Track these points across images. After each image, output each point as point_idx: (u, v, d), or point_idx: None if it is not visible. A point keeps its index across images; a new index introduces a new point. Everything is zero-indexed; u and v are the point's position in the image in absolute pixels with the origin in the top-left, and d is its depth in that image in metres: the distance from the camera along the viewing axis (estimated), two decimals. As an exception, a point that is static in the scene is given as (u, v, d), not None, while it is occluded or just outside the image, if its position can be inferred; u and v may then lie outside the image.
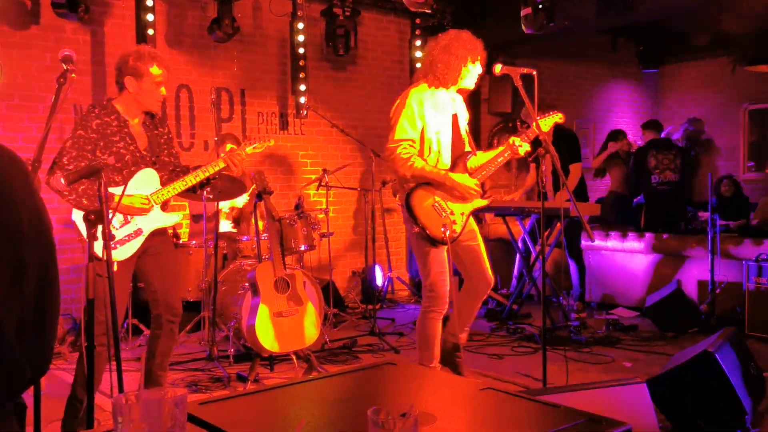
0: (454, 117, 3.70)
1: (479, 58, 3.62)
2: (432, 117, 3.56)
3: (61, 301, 1.48)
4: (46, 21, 5.37)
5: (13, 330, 1.32)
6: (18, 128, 5.27)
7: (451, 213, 3.59)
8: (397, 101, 3.63)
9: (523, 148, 3.63)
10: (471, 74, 3.62)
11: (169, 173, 3.42)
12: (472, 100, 8.16)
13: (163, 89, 3.28)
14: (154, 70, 3.22)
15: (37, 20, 5.36)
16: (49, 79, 5.34)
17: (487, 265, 3.82)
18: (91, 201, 3.08)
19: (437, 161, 3.58)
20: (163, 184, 3.33)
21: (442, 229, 3.50)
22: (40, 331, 1.40)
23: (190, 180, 3.34)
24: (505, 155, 3.67)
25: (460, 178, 3.56)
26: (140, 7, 5.59)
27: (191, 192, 3.47)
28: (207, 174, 3.38)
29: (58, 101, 2.51)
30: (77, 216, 3.12)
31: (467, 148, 3.74)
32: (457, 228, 3.59)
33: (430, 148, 3.57)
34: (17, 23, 5.30)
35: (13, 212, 1.34)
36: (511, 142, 3.64)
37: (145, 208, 3.21)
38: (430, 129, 3.55)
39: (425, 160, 3.56)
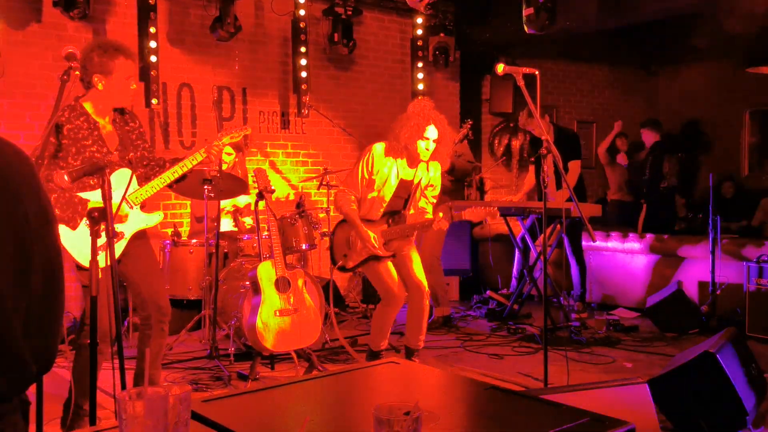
0: (402, 182, 4.19)
1: (424, 136, 4.04)
2: (381, 174, 4.12)
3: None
4: (48, 19, 5.37)
5: (20, 325, 1.32)
6: (20, 126, 5.27)
7: (354, 251, 4.23)
8: (365, 151, 4.20)
9: (440, 225, 4.07)
10: (418, 148, 4.06)
11: (144, 168, 3.31)
12: (473, 100, 8.18)
13: (133, 84, 3.12)
14: (122, 63, 3.04)
15: (39, 18, 5.36)
16: (51, 77, 5.34)
17: (419, 272, 4.26)
18: (62, 210, 2.98)
19: (369, 209, 4.18)
20: (140, 181, 3.21)
21: (343, 257, 4.26)
22: (46, 327, 1.40)
23: (168, 177, 3.21)
24: (425, 225, 4.18)
25: (367, 235, 4.12)
26: (142, 5, 5.59)
27: (169, 187, 3.34)
28: (185, 169, 3.25)
29: (62, 99, 2.50)
30: None
31: (406, 209, 4.28)
32: (350, 263, 4.25)
33: (368, 196, 4.16)
34: (19, 21, 5.30)
35: (19, 207, 1.34)
36: (437, 215, 4.10)
37: (120, 214, 3.09)
38: (376, 184, 4.13)
39: (363, 200, 4.19)
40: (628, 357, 4.69)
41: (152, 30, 5.60)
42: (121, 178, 3.11)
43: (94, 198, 3.01)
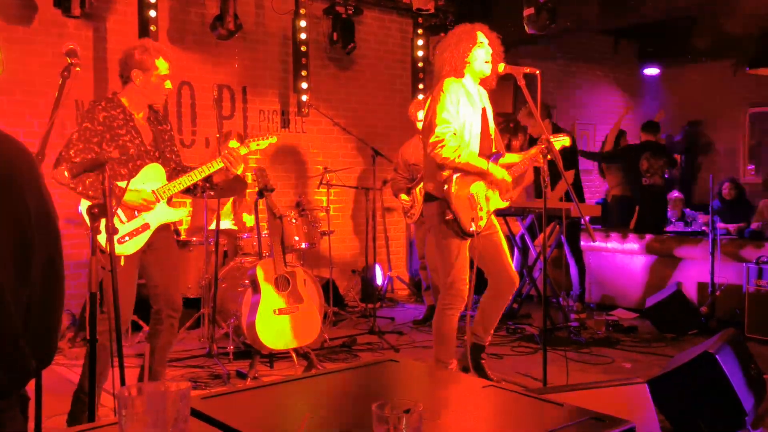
0: (483, 111, 3.76)
1: (478, 41, 3.65)
2: (464, 108, 3.63)
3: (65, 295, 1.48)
4: (48, 16, 5.36)
5: (20, 320, 1.32)
6: (19, 123, 5.26)
7: (480, 209, 3.68)
8: (430, 97, 3.68)
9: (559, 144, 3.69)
10: (477, 58, 3.65)
11: (172, 170, 3.43)
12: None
13: (168, 83, 3.30)
14: (161, 63, 3.25)
15: (39, 15, 5.35)
16: (51, 75, 5.30)
17: (510, 262, 3.84)
18: (97, 193, 3.08)
19: (479, 153, 3.66)
20: (168, 179, 3.34)
21: (472, 221, 3.61)
22: (46, 322, 1.40)
23: (195, 176, 3.35)
24: (533, 159, 3.73)
25: (500, 172, 3.66)
26: (142, 3, 5.59)
27: (190, 191, 3.49)
28: (208, 171, 3.37)
29: (62, 95, 2.50)
30: (84, 208, 3.12)
31: (494, 149, 3.79)
32: (482, 224, 3.68)
33: (462, 138, 3.62)
34: (19, 18, 5.29)
35: (21, 202, 1.34)
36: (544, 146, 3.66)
37: (149, 205, 3.22)
38: (463, 119, 3.62)
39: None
40: (627, 357, 4.69)
41: (152, 28, 5.59)
42: (153, 172, 3.27)
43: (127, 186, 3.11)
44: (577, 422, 1.30)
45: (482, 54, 3.65)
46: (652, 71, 10.02)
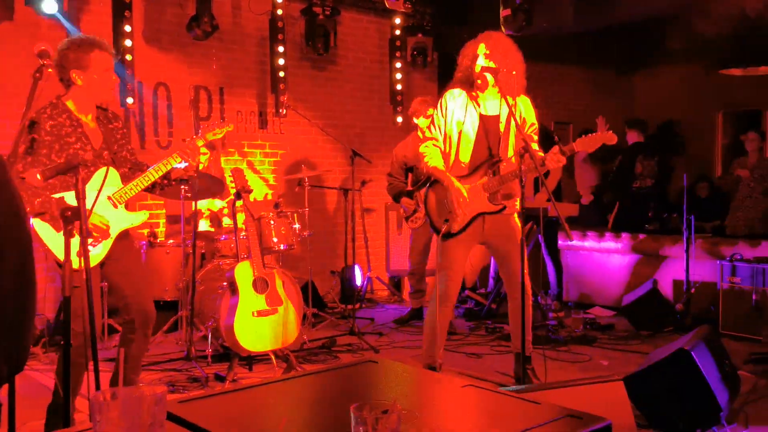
0: (488, 118, 3.77)
1: (475, 53, 3.70)
2: (456, 114, 3.76)
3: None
4: (21, 16, 5.27)
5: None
6: (-9, 125, 5.18)
7: (456, 211, 3.73)
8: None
9: (555, 161, 3.60)
10: (476, 70, 3.70)
11: (127, 170, 3.26)
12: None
13: (112, 75, 3.07)
14: (98, 56, 3.02)
15: (12, 15, 5.26)
16: (24, 75, 5.19)
17: (519, 267, 3.67)
18: (42, 207, 2.89)
19: (455, 156, 3.79)
20: (124, 181, 3.17)
21: (446, 221, 3.75)
22: (17, 327, 1.37)
23: (152, 174, 3.16)
24: (537, 163, 3.57)
25: (454, 187, 3.68)
26: (117, 3, 5.53)
27: (149, 190, 3.31)
28: (165, 168, 3.19)
29: (34, 96, 2.46)
30: (35, 221, 2.94)
31: (504, 154, 3.76)
32: (456, 227, 3.77)
33: (450, 141, 3.80)
34: (-9, 18, 5.20)
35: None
36: (551, 151, 3.63)
37: (103, 230, 3.03)
38: (451, 125, 3.77)
39: (446, 153, 3.80)
40: (604, 355, 4.74)
41: (127, 28, 5.54)
42: (104, 176, 3.04)
43: (69, 198, 2.94)
44: (554, 420, 1.31)
45: (480, 63, 3.69)
46: (626, 72, 10.13)
